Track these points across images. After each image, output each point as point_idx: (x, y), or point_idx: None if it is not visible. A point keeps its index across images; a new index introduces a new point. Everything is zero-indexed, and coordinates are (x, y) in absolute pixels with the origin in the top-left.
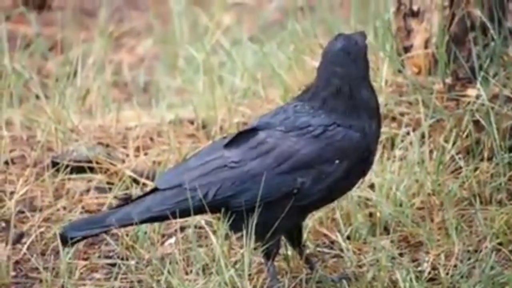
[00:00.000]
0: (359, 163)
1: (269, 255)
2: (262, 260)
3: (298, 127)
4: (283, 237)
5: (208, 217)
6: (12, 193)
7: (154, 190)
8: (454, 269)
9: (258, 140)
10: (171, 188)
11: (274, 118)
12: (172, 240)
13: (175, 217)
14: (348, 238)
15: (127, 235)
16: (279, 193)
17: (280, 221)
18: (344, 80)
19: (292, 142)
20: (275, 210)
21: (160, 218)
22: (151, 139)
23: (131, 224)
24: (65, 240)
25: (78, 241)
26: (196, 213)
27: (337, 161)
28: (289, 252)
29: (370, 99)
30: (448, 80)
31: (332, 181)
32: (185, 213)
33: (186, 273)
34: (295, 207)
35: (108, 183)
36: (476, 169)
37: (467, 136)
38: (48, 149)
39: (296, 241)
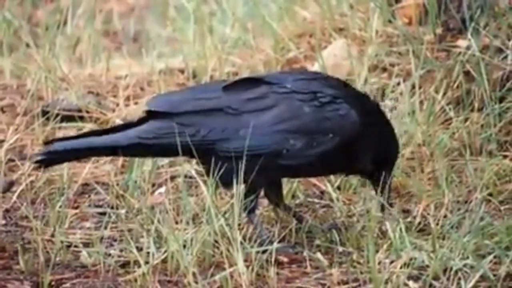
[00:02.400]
0: (350, 145)
1: (250, 208)
2: (244, 215)
3: (307, 90)
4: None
5: (198, 167)
6: (2, 141)
7: (142, 120)
8: (444, 219)
9: (260, 92)
10: (161, 117)
11: (286, 75)
12: (162, 189)
13: (160, 151)
14: (338, 188)
15: (117, 184)
16: (269, 149)
17: (262, 176)
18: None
19: (295, 105)
20: (259, 164)
21: (146, 146)
22: (142, 88)
23: (117, 149)
24: (45, 160)
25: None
26: (182, 150)
27: (331, 135)
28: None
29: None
30: (439, 31)
31: (321, 151)
32: (170, 148)
33: (176, 223)
34: (279, 166)
35: None
36: (466, 119)
37: (457, 87)
38: (38, 97)
39: (277, 199)
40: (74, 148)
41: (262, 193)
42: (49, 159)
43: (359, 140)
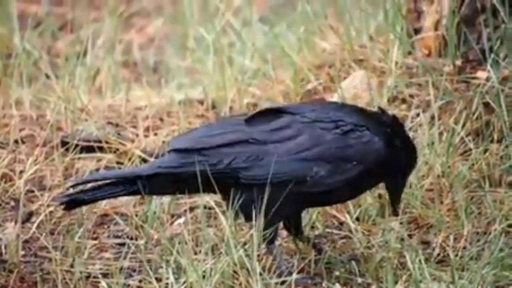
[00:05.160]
0: (374, 171)
1: (270, 238)
2: (264, 245)
3: (329, 119)
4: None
5: (217, 197)
6: (21, 172)
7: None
8: (463, 251)
9: (282, 122)
10: (184, 151)
11: (306, 106)
12: (181, 220)
13: (181, 182)
14: (357, 219)
15: (136, 215)
16: (292, 176)
17: (286, 205)
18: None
19: (317, 132)
20: (281, 194)
21: (167, 178)
22: (161, 119)
23: (140, 180)
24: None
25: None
26: (203, 182)
27: (354, 162)
28: None
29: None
30: (458, 62)
31: (344, 179)
32: (192, 179)
33: (195, 253)
34: (302, 194)
35: (117, 162)
36: (485, 151)
37: (477, 118)
38: (57, 128)
39: (296, 230)
40: (95, 179)
41: (281, 224)
42: (72, 200)
43: (385, 165)
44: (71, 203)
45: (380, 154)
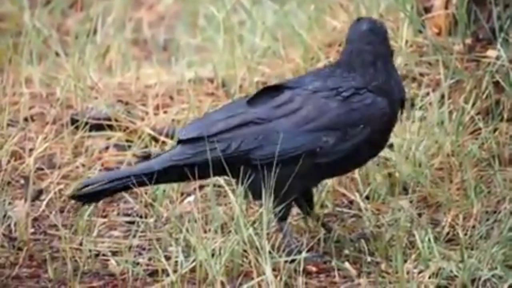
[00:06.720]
0: (381, 132)
1: (282, 216)
2: (275, 222)
3: (328, 87)
4: (294, 204)
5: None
6: (31, 150)
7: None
8: (473, 229)
9: (284, 98)
10: (192, 140)
11: (304, 78)
12: (191, 198)
13: (193, 171)
14: (367, 198)
15: (146, 193)
16: (303, 149)
17: (297, 180)
18: (374, 56)
19: (320, 102)
20: (293, 169)
21: (179, 169)
22: (171, 97)
23: (151, 175)
24: (82, 197)
25: (96, 197)
26: (215, 167)
27: (361, 126)
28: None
29: (397, 77)
30: (468, 41)
31: (354, 144)
32: (204, 167)
33: (205, 232)
34: (313, 167)
35: (127, 140)
36: (495, 130)
37: (486, 97)
38: (67, 106)
39: (308, 207)
40: (109, 180)
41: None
42: (86, 195)
43: (392, 125)
44: (87, 199)
45: (385, 113)
